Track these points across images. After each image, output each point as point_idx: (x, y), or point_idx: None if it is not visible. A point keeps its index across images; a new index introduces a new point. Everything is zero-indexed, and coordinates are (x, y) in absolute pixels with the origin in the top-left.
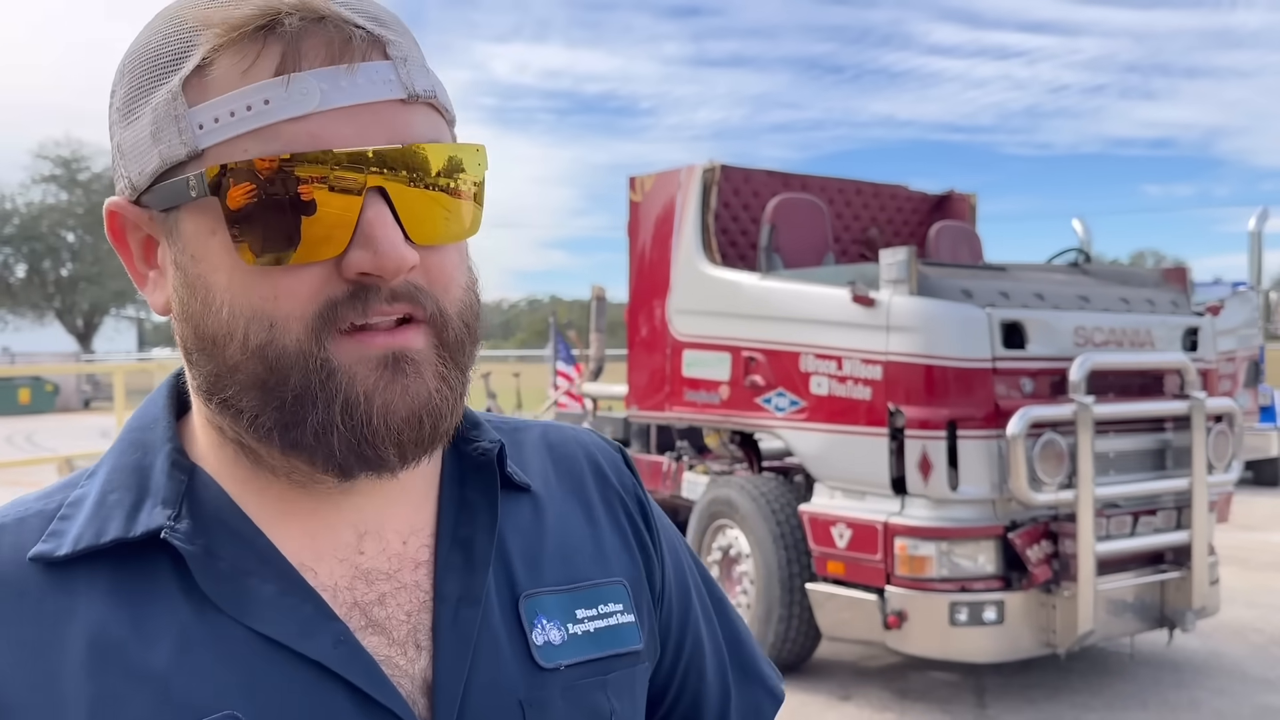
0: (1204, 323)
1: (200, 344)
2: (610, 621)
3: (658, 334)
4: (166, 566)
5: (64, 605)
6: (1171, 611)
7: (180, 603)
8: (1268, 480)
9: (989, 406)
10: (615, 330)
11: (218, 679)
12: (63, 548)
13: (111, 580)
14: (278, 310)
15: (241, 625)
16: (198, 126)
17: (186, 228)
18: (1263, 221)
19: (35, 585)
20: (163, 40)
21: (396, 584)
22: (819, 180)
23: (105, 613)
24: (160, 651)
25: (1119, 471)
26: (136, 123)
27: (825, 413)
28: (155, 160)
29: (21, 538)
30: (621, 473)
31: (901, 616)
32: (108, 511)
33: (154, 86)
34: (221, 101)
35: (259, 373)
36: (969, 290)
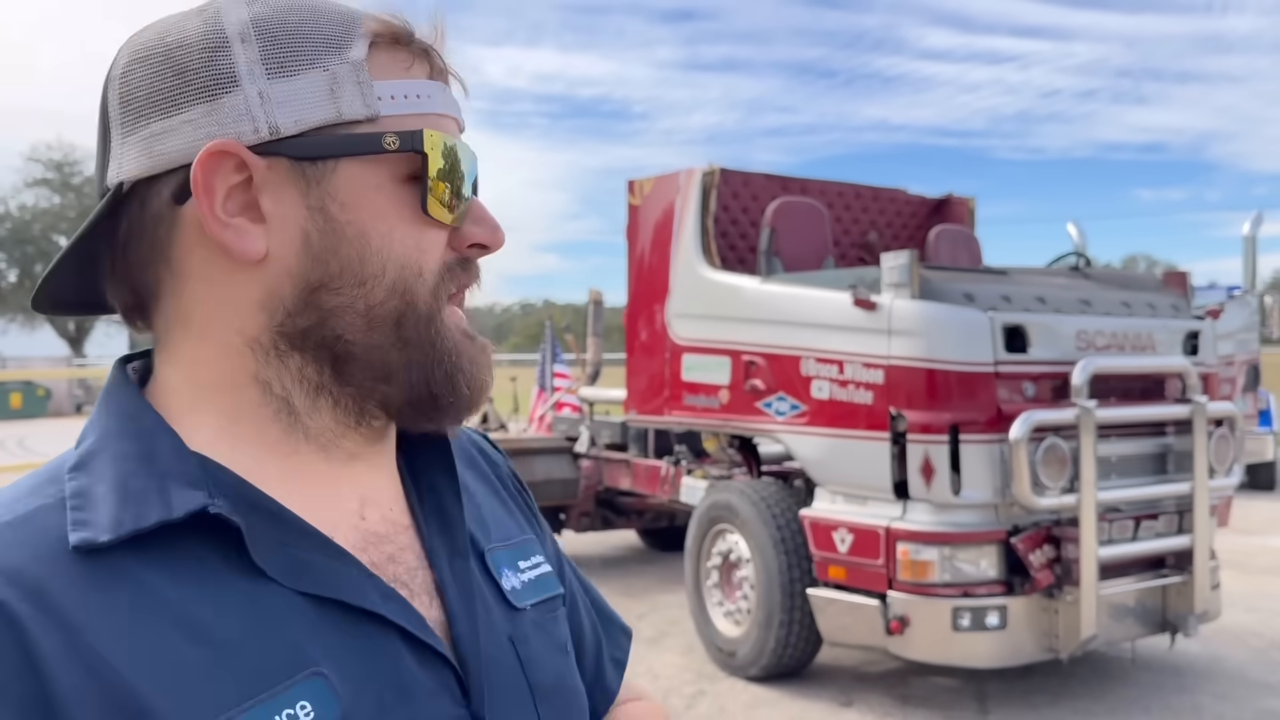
0: (1205, 327)
1: (337, 283)
2: (540, 571)
3: (657, 338)
4: (207, 545)
5: (128, 591)
6: (1174, 616)
7: (233, 577)
8: (1264, 484)
9: (991, 410)
10: (611, 334)
11: (293, 642)
12: (102, 534)
13: (160, 562)
14: (423, 260)
15: (294, 591)
16: (377, 97)
17: (342, 178)
18: (1257, 226)
19: (86, 574)
20: (324, 15)
21: (397, 545)
22: (818, 184)
23: (171, 593)
24: (236, 622)
25: (1121, 476)
26: (295, 79)
27: (826, 417)
28: (329, 113)
29: (43, 531)
30: (495, 457)
31: (904, 622)
32: (137, 496)
33: (323, 53)
34: (398, 85)
35: (400, 310)
36: (971, 294)
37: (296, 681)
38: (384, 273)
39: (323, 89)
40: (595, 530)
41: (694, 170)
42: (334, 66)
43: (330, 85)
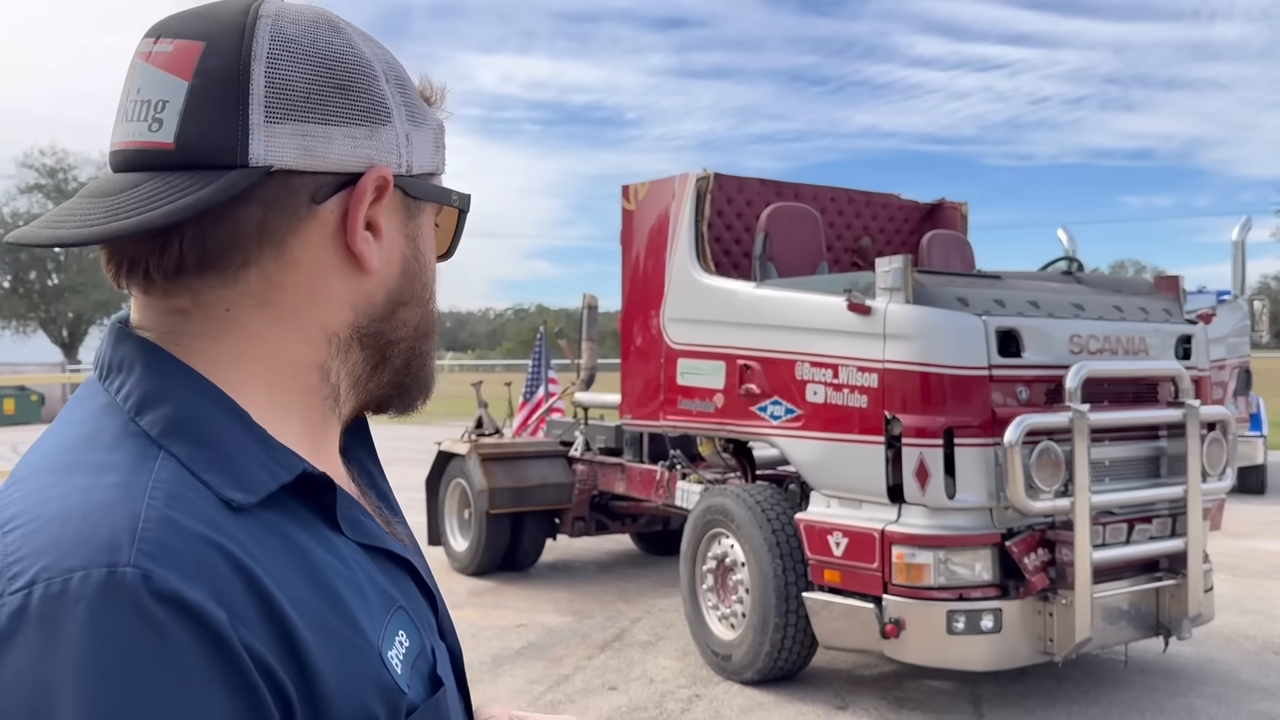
0: (1197, 330)
1: (410, 299)
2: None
3: (652, 342)
4: (301, 506)
5: (285, 542)
6: (1167, 619)
7: (325, 529)
8: (1255, 488)
9: (985, 414)
10: (604, 339)
11: (379, 582)
12: (249, 495)
13: (286, 518)
14: (435, 288)
15: (355, 543)
16: (442, 160)
17: (425, 217)
18: (1245, 231)
19: (247, 530)
20: (414, 82)
21: (367, 504)
22: (811, 189)
23: (308, 541)
24: (349, 566)
25: (1114, 479)
26: (423, 130)
27: (821, 421)
28: (435, 164)
29: (190, 491)
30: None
31: (899, 625)
32: (257, 460)
33: (426, 114)
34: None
35: (427, 327)
36: (964, 298)
37: (394, 615)
38: (425, 296)
39: (433, 142)
40: (590, 535)
41: (688, 175)
42: (435, 125)
43: (436, 141)
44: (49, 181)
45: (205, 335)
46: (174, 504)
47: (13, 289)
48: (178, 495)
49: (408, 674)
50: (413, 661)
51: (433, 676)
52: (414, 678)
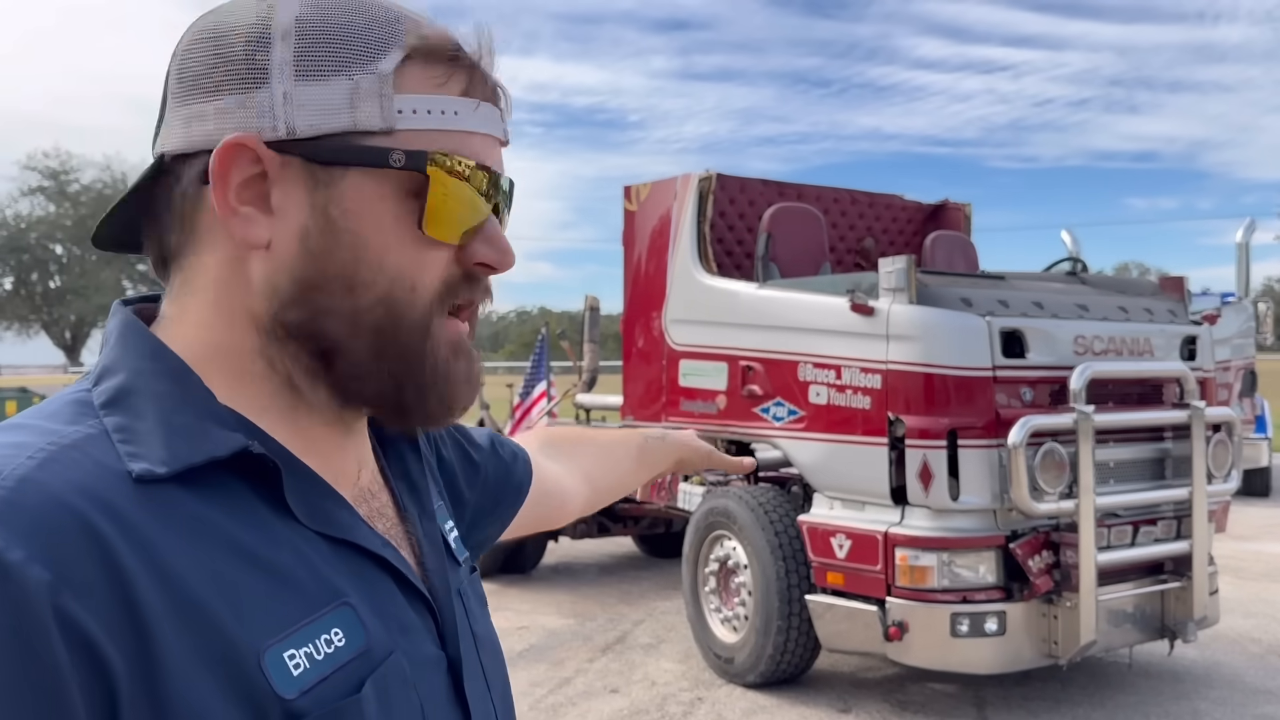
0: (1202, 332)
1: (325, 284)
2: (456, 533)
3: (654, 344)
4: (241, 485)
5: (190, 519)
6: (1172, 621)
7: (268, 513)
8: (1259, 490)
9: (989, 415)
10: (606, 341)
11: (325, 575)
12: (160, 467)
13: (206, 496)
14: (420, 276)
15: (314, 532)
16: (398, 110)
17: (351, 185)
18: (1250, 233)
19: (147, 499)
20: (365, 23)
21: (380, 502)
22: (814, 189)
23: (227, 524)
24: (283, 555)
25: (1119, 481)
26: (325, 84)
27: (824, 422)
28: (344, 121)
29: (100, 459)
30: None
31: (902, 628)
32: (184, 434)
33: (353, 61)
34: (423, 99)
35: (385, 322)
36: (968, 299)
37: (331, 610)
38: (374, 283)
39: (344, 97)
40: (592, 537)
41: (691, 176)
42: (360, 76)
43: (351, 95)
44: (51, 184)
45: (174, 319)
46: (51, 465)
47: (15, 291)
48: (68, 459)
49: (316, 674)
50: (343, 662)
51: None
52: (337, 680)
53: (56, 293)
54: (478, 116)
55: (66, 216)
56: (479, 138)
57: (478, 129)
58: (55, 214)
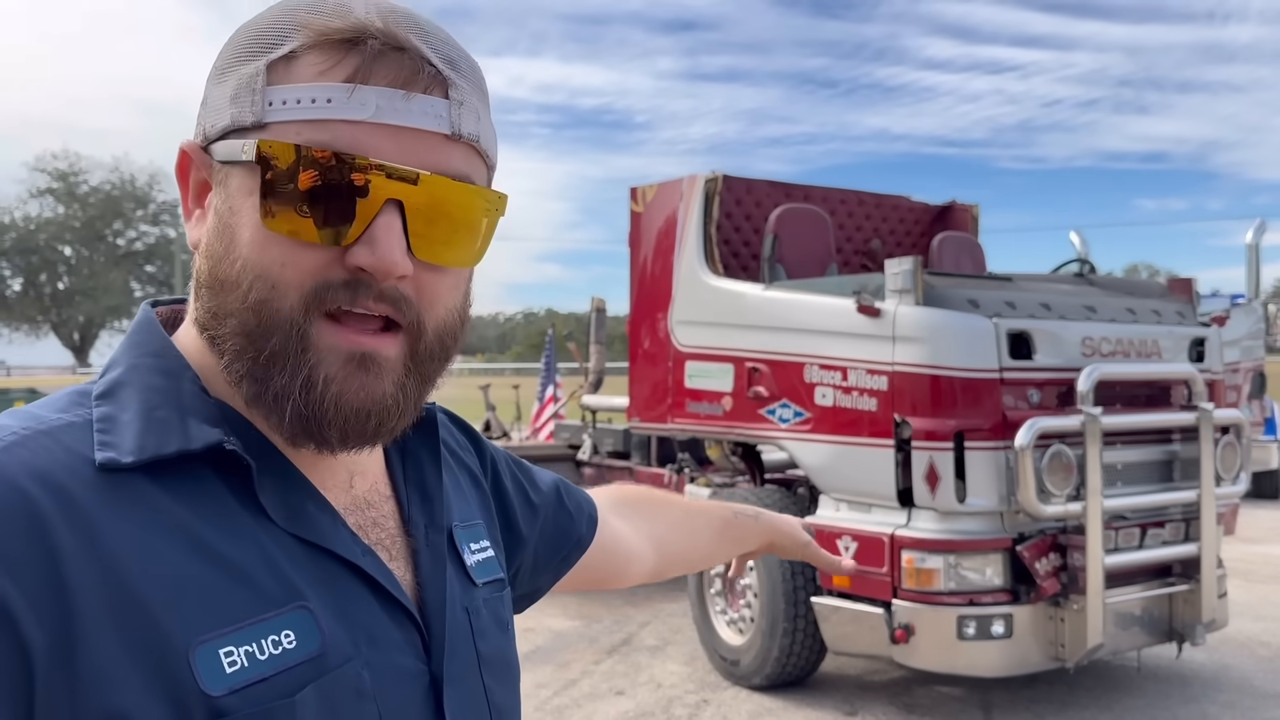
0: (1211, 333)
1: (211, 283)
2: (486, 555)
3: (660, 345)
4: (215, 479)
5: (146, 509)
6: (1180, 625)
7: (237, 510)
8: (1268, 493)
9: (996, 417)
10: (613, 343)
11: (286, 576)
12: (126, 456)
13: (173, 489)
14: (282, 276)
15: (287, 534)
16: (268, 103)
17: (233, 182)
18: (1260, 234)
19: (108, 487)
20: (268, 25)
21: (380, 513)
22: (821, 191)
23: (185, 516)
24: (241, 551)
25: (1126, 483)
26: (224, 84)
27: (830, 424)
28: (227, 118)
29: (71, 447)
30: (462, 441)
31: (908, 630)
32: (160, 426)
33: (247, 60)
34: (293, 89)
35: (250, 324)
36: (975, 300)
37: (285, 611)
38: (240, 282)
39: (227, 95)
40: None
41: (697, 177)
42: (244, 71)
43: (234, 90)
44: (60, 186)
45: (186, 317)
46: (16, 450)
47: (24, 292)
48: (36, 445)
49: (254, 674)
50: (288, 665)
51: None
52: (278, 682)
53: (65, 294)
54: (361, 104)
55: (75, 218)
56: (369, 127)
57: (363, 117)
58: (64, 215)
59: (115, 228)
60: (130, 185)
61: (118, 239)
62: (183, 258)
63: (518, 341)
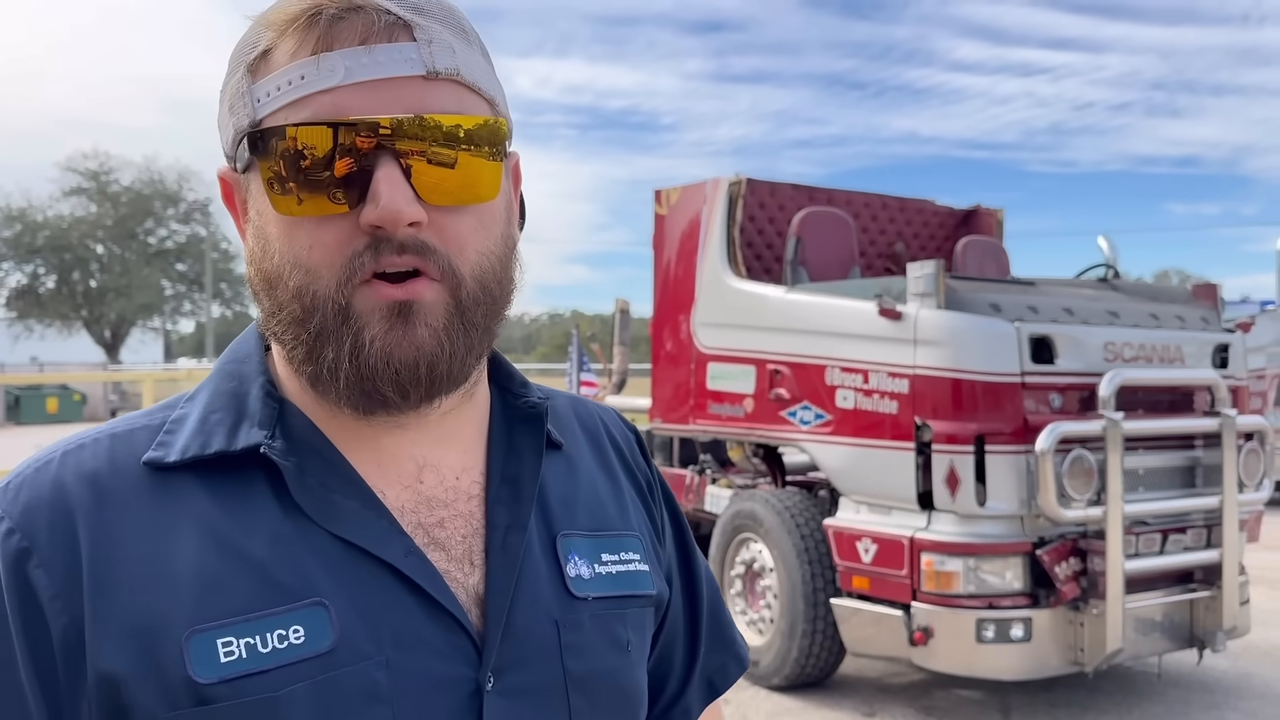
0: (1235, 339)
1: (263, 285)
2: (630, 567)
3: (682, 347)
4: (261, 479)
5: (176, 502)
6: (1201, 631)
7: (274, 508)
8: None
9: (1017, 421)
10: (637, 345)
11: (307, 571)
12: (171, 455)
13: (214, 486)
14: (313, 259)
15: (326, 531)
16: (255, 100)
17: (254, 186)
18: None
19: (150, 484)
20: (245, 37)
21: (454, 511)
22: (844, 194)
23: (211, 509)
24: (258, 543)
25: (1148, 489)
26: (224, 101)
27: (851, 426)
28: (231, 130)
29: (133, 446)
30: (634, 450)
31: (927, 633)
32: (210, 429)
33: (234, 72)
34: (271, 79)
35: (297, 312)
36: (997, 304)
37: (298, 607)
38: (279, 275)
39: (228, 107)
40: None
41: (720, 180)
42: (233, 83)
43: (231, 101)
44: (92, 185)
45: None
46: (78, 453)
47: (57, 289)
48: (96, 448)
49: (252, 666)
50: (292, 660)
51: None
52: (277, 676)
53: (97, 291)
54: (331, 70)
55: (107, 216)
56: (344, 90)
57: (335, 83)
58: (96, 214)
59: (146, 226)
60: (160, 184)
61: (149, 237)
62: (212, 256)
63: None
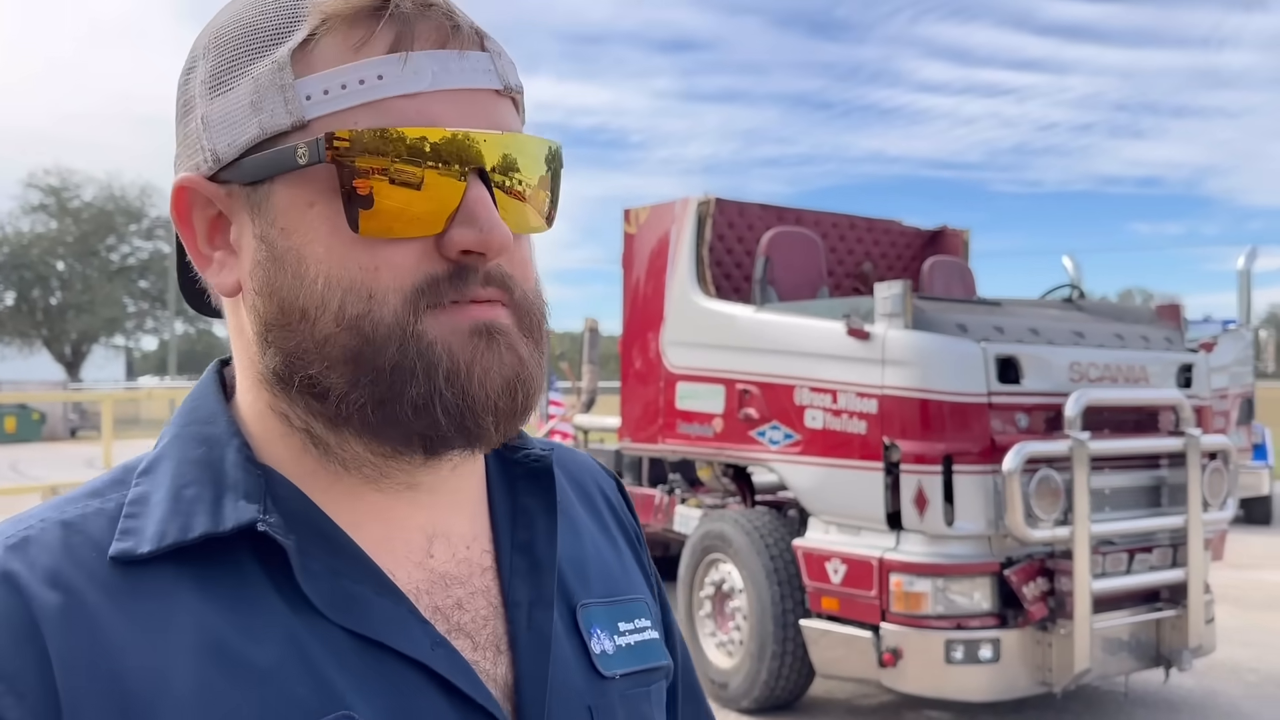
0: (1198, 359)
1: (285, 319)
2: (644, 636)
3: (651, 366)
4: (253, 564)
5: (159, 605)
6: (1168, 650)
7: (275, 601)
8: (1260, 519)
9: (985, 441)
10: (607, 363)
11: (327, 679)
12: (144, 545)
13: (200, 578)
14: (377, 282)
15: (337, 626)
16: (305, 97)
17: (280, 199)
18: (1251, 260)
19: (123, 584)
20: (262, 15)
21: (470, 589)
22: (813, 214)
23: (204, 611)
24: (268, 650)
25: (1114, 508)
26: (229, 94)
27: (820, 446)
28: (253, 130)
29: (91, 535)
30: (620, 504)
31: (896, 654)
32: (187, 507)
33: (254, 58)
34: (333, 74)
35: (353, 345)
36: (964, 325)
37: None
38: (328, 302)
39: (246, 102)
40: None
41: (689, 199)
42: (259, 71)
43: (253, 95)
44: (53, 201)
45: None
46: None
47: (16, 307)
48: (50, 540)
49: None
50: None
51: None
52: None
53: (58, 309)
54: (417, 73)
55: (68, 233)
56: (427, 97)
57: (421, 88)
58: (57, 231)
59: (108, 243)
60: (122, 200)
61: (111, 254)
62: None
63: None
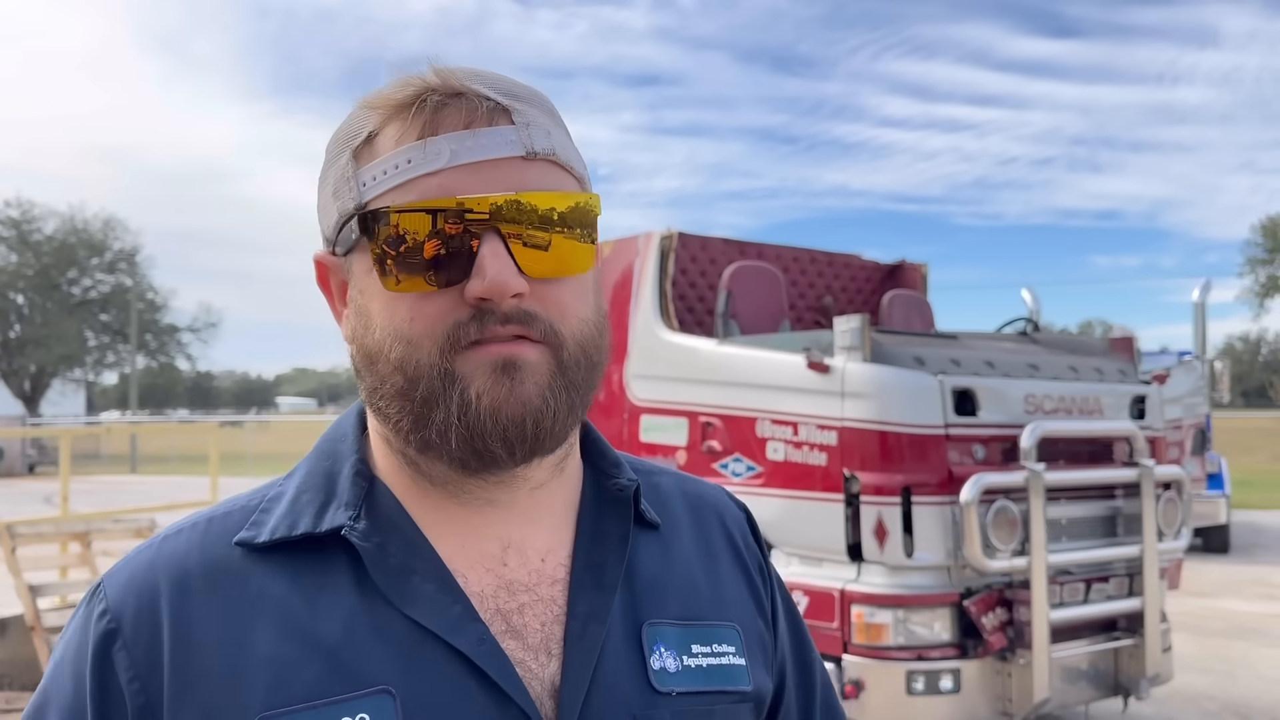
0: (1151, 391)
1: (364, 361)
2: (723, 660)
3: (615, 398)
4: (343, 559)
5: (259, 583)
6: (1126, 679)
7: (351, 590)
8: (1218, 547)
9: (942, 473)
10: None
11: (377, 656)
12: (261, 536)
13: (297, 566)
14: (413, 330)
15: (401, 614)
16: (361, 184)
17: (356, 267)
18: (1206, 292)
19: (238, 566)
20: (349, 122)
21: (535, 596)
22: (774, 249)
23: (290, 592)
24: (331, 626)
25: (1071, 538)
26: (325, 186)
27: (782, 478)
28: (335, 213)
29: (228, 527)
30: (747, 535)
31: (859, 685)
32: (300, 509)
33: (338, 157)
34: (379, 163)
35: (400, 383)
36: (921, 357)
37: (364, 695)
38: (382, 350)
39: (330, 192)
40: None
41: (652, 234)
42: (338, 167)
43: (335, 186)
44: (13, 234)
45: None
46: (173, 539)
47: None
48: (191, 534)
49: None
50: None
51: None
52: None
53: (17, 342)
54: (437, 154)
55: (28, 266)
56: (450, 172)
57: (442, 165)
58: (16, 264)
59: (70, 276)
60: (85, 233)
61: (72, 287)
62: (138, 306)
63: None
